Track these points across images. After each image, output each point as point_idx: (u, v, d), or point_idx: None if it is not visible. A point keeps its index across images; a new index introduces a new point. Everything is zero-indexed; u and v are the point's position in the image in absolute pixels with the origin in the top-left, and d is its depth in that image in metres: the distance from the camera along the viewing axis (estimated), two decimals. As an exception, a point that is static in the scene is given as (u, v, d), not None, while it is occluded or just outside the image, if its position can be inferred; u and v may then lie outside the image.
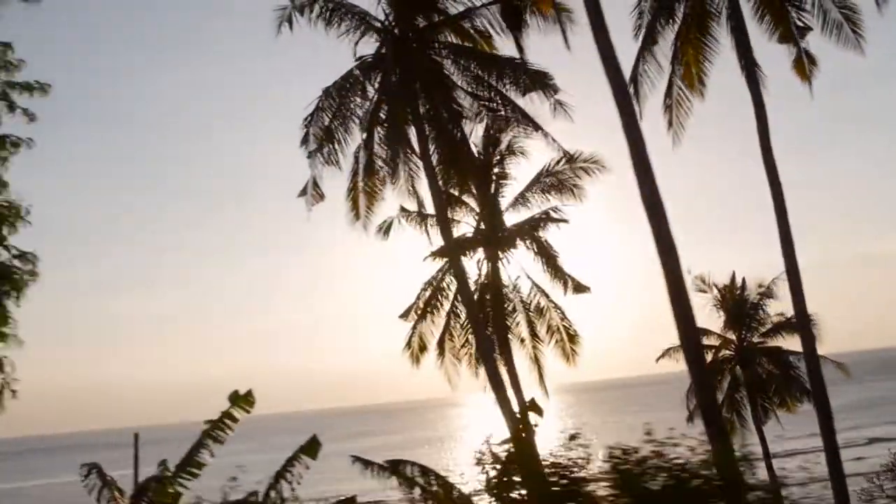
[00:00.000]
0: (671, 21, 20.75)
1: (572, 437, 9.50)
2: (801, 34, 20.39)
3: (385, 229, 23.76)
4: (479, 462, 12.80)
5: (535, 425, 12.78)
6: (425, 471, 12.63)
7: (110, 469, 13.85)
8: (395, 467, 12.52)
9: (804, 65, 20.39)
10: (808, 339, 18.37)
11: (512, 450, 12.89)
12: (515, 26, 17.23)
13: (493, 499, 12.13)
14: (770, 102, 19.58)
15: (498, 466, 12.75)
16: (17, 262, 12.48)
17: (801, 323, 18.43)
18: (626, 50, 19.38)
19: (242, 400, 13.44)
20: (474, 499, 12.83)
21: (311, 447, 13.99)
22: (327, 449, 14.26)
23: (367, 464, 13.68)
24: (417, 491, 12.88)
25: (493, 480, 12.33)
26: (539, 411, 12.88)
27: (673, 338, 14.37)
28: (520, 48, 17.71)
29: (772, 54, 20.58)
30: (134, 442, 13.61)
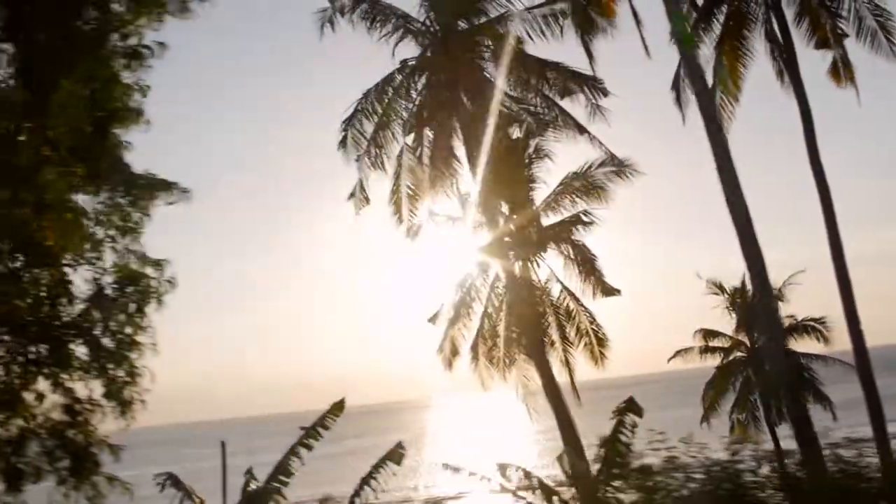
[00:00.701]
0: (710, 26, 21.03)
1: (735, 443, 9.46)
2: (837, 41, 20.80)
3: (414, 232, 23.60)
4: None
5: (635, 426, 12.68)
6: (528, 474, 12.53)
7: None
8: (502, 470, 12.41)
9: (840, 71, 20.81)
10: (858, 339, 18.70)
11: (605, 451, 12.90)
12: (586, 30, 17.27)
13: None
14: (783, 103, 20.12)
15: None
16: (149, 270, 12.19)
17: (852, 325, 18.75)
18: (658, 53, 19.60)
19: (336, 407, 13.28)
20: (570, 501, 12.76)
21: (396, 454, 13.84)
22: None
23: (456, 470, 13.55)
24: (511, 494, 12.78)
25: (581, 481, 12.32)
26: (639, 411, 12.78)
27: (674, 339, 14.58)
28: (589, 53, 17.75)
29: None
30: (221, 450, 13.31)
